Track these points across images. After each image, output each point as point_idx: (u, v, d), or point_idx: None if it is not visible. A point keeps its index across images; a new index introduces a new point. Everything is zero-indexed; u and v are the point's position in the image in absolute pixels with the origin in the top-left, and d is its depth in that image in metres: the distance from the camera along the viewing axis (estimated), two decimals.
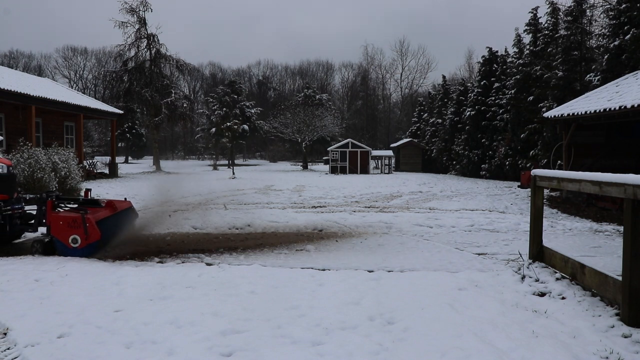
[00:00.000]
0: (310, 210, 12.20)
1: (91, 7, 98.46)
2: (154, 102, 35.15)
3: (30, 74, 38.64)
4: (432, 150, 37.42)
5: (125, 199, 8.36)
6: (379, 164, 38.89)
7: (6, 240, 7.61)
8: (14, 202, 7.31)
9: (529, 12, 23.94)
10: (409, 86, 69.45)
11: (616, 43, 16.13)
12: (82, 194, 7.98)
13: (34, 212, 7.23)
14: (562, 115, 13.56)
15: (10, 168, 7.45)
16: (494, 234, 8.81)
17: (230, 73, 71.48)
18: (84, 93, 53.02)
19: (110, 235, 7.00)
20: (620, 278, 4.13)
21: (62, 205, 7.30)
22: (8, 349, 3.57)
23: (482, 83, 29.56)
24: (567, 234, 9.01)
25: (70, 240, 6.42)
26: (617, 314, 4.11)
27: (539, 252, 5.88)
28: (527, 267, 5.65)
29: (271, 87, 76.24)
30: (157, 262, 6.33)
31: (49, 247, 6.59)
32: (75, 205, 7.34)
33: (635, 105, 10.16)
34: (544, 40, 22.48)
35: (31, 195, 7.41)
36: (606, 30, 17.73)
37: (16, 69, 45.05)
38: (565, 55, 19.68)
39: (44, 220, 6.90)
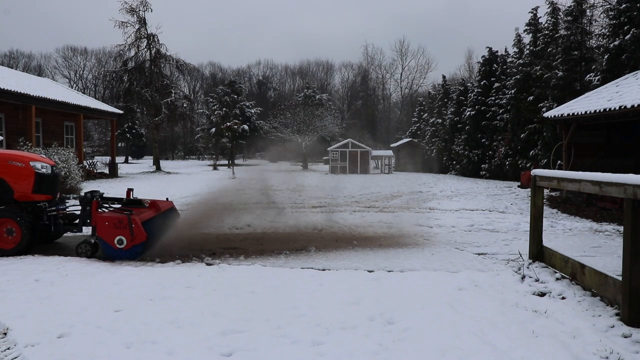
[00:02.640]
0: (310, 210, 12.19)
1: (91, 7, 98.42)
2: (154, 102, 35.17)
3: (30, 74, 38.65)
4: (432, 150, 37.41)
5: (167, 198, 8.21)
6: (379, 164, 38.86)
7: (49, 240, 7.60)
8: (58, 202, 7.28)
9: (529, 12, 23.98)
10: (409, 86, 69.49)
11: (616, 43, 16.13)
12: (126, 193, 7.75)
13: (77, 212, 7.14)
14: (562, 115, 13.56)
15: (54, 168, 7.39)
16: (494, 234, 8.81)
17: (230, 73, 71.47)
18: (84, 93, 53.02)
19: (155, 236, 6.82)
20: (620, 278, 4.13)
21: (106, 205, 7.16)
22: (8, 349, 3.57)
23: (482, 83, 29.55)
24: (567, 234, 9.00)
25: (115, 241, 6.28)
26: (617, 314, 4.11)
27: (539, 252, 5.89)
28: (527, 267, 5.65)
29: (271, 87, 76.19)
30: (157, 262, 6.33)
31: (96, 248, 6.49)
32: (119, 206, 7.21)
33: (635, 105, 10.15)
34: (544, 40, 22.47)
35: (75, 195, 7.35)
36: (606, 30, 17.73)
37: (16, 69, 45.04)
38: (565, 55, 19.68)
39: (88, 221, 6.81)
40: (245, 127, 49.87)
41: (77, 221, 7.16)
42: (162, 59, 35.95)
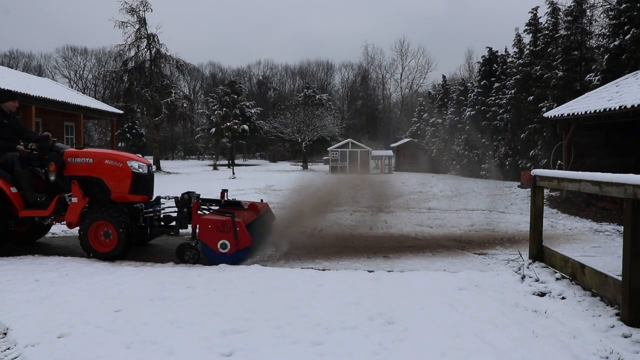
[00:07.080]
0: (310, 210, 12.17)
1: (91, 7, 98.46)
2: (154, 102, 35.17)
3: (30, 74, 38.62)
4: (432, 150, 37.40)
5: (262, 200, 7.84)
6: (379, 164, 38.84)
7: (144, 243, 7.44)
8: (154, 203, 7.03)
9: (529, 12, 23.95)
10: (409, 86, 69.57)
11: (616, 43, 16.13)
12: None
13: (173, 214, 6.86)
14: (562, 115, 13.56)
15: (150, 168, 7.10)
16: (494, 234, 8.81)
17: (230, 73, 71.51)
18: (84, 93, 52.98)
19: (257, 240, 6.50)
20: (620, 278, 4.13)
21: (204, 207, 6.80)
22: (8, 349, 3.56)
23: (482, 83, 29.54)
24: (567, 234, 9.00)
25: (219, 246, 5.95)
26: (617, 314, 4.10)
27: (539, 252, 5.88)
28: (527, 267, 5.65)
29: (271, 87, 76.21)
30: (157, 262, 6.32)
31: (199, 253, 6.24)
32: (217, 207, 6.85)
33: (635, 105, 10.15)
34: (544, 40, 22.45)
35: (171, 197, 6.99)
36: (606, 30, 17.72)
37: (16, 69, 45.00)
38: (565, 55, 19.67)
39: (185, 223, 6.55)
40: (245, 127, 49.90)
41: (173, 223, 6.85)
42: (162, 59, 35.96)
